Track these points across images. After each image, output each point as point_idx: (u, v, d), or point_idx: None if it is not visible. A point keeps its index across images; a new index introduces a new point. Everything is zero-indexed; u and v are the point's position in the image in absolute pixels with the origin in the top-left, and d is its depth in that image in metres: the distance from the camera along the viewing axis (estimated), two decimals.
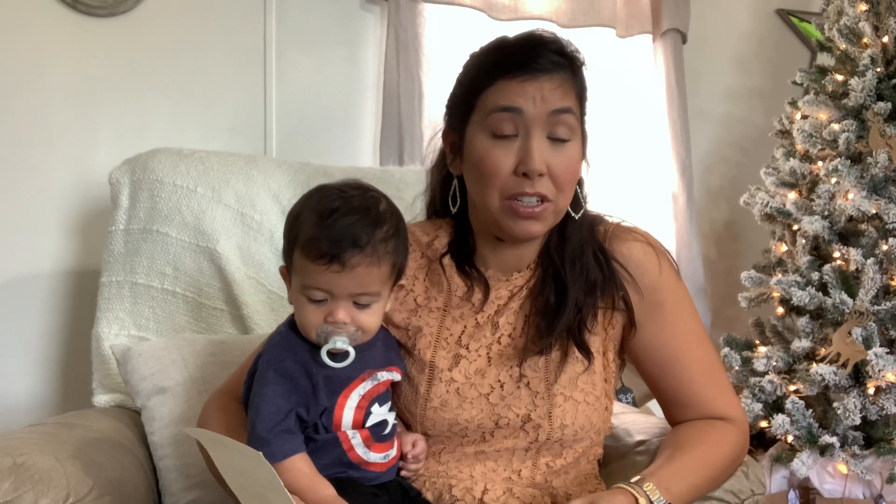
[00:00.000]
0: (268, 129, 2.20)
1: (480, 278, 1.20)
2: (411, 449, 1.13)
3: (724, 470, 1.13)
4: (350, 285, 1.02)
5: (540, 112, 1.08)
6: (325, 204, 1.03)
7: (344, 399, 1.06)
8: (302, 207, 1.05)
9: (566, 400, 1.13)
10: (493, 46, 1.14)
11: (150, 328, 1.62)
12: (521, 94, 1.08)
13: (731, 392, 1.21)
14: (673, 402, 1.21)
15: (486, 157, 1.10)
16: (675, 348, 1.18)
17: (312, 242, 1.00)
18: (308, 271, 1.02)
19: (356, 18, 2.29)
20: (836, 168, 2.11)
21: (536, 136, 1.08)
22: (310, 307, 1.03)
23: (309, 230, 1.01)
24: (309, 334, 1.04)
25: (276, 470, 0.94)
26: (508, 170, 1.09)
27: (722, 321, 2.61)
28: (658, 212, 2.52)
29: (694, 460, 1.10)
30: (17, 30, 1.97)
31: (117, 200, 1.66)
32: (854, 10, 2.21)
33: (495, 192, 1.10)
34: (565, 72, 1.11)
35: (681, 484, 1.05)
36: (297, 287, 1.04)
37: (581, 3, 2.43)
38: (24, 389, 2.00)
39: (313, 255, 1.00)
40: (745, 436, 1.18)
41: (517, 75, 1.09)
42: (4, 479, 1.08)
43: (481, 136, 1.11)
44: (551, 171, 1.09)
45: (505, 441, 1.13)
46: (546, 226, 1.13)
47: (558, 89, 1.09)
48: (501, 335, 1.17)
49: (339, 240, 1.00)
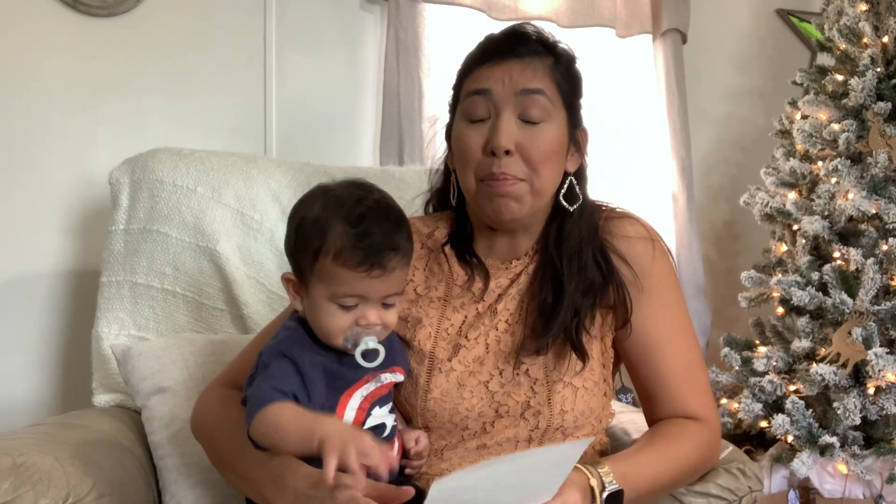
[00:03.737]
0: (268, 129, 2.20)
1: (481, 266, 1.21)
2: (414, 446, 1.12)
3: (689, 469, 1.14)
4: (385, 288, 1.03)
5: (508, 92, 1.11)
6: (348, 210, 1.01)
7: (346, 398, 1.06)
8: (320, 214, 1.02)
9: (565, 386, 1.13)
10: (480, 41, 1.19)
11: (150, 328, 1.62)
12: (491, 76, 1.13)
13: (707, 392, 1.21)
14: (648, 395, 1.21)
15: (459, 139, 1.15)
16: (658, 337, 1.18)
17: (352, 250, 0.99)
18: (343, 279, 1.00)
19: (356, 18, 2.29)
20: (836, 168, 2.11)
21: (505, 116, 1.11)
22: (339, 313, 1.02)
23: (341, 239, 1.00)
24: (334, 340, 1.03)
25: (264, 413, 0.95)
26: (479, 149, 1.12)
27: (722, 321, 2.61)
28: (658, 212, 2.52)
29: (657, 454, 1.11)
30: (17, 30, 1.97)
31: (117, 200, 1.66)
32: (854, 10, 2.21)
33: (470, 174, 1.13)
34: (542, 58, 1.14)
35: (637, 474, 1.06)
36: (325, 295, 1.02)
37: (581, 3, 2.43)
38: (24, 389, 2.00)
39: (352, 262, 0.99)
40: (716, 438, 1.18)
41: (489, 60, 1.13)
42: (4, 479, 1.08)
43: (459, 121, 1.16)
44: (522, 150, 1.11)
45: (506, 431, 1.13)
46: (526, 206, 1.13)
47: (528, 70, 1.12)
48: (499, 321, 1.17)
49: (380, 246, 1.00)
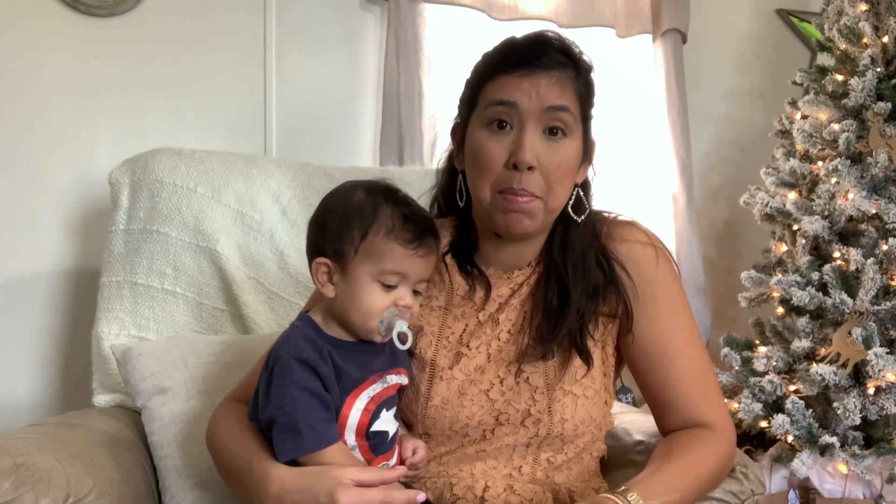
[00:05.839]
0: (268, 129, 2.20)
1: (482, 277, 1.20)
2: (411, 456, 1.13)
3: (709, 479, 1.13)
4: (424, 270, 1.09)
5: (535, 107, 1.09)
6: (390, 195, 1.09)
7: (353, 399, 1.06)
8: (366, 198, 1.07)
9: (566, 394, 1.13)
10: (501, 45, 1.16)
11: (150, 328, 1.62)
12: (518, 88, 1.10)
13: (718, 397, 1.20)
14: (659, 403, 1.20)
15: (480, 148, 1.12)
16: (665, 344, 1.18)
17: (403, 228, 1.05)
18: (393, 255, 1.05)
19: (356, 18, 2.29)
20: (836, 168, 2.11)
21: (530, 130, 1.10)
22: (381, 293, 1.06)
23: (391, 218, 1.06)
24: (371, 321, 1.06)
25: (320, 456, 1.00)
26: (501, 162, 1.10)
27: (722, 321, 2.61)
28: (658, 212, 2.52)
29: (678, 470, 1.09)
30: (17, 30, 1.97)
31: (117, 200, 1.66)
32: (854, 10, 2.21)
33: (487, 185, 1.12)
34: (567, 71, 1.12)
35: (664, 494, 1.05)
36: (370, 273, 1.05)
37: (581, 3, 2.42)
38: (24, 389, 2.00)
39: (404, 239, 1.05)
40: (730, 444, 1.17)
41: (516, 70, 1.10)
42: (4, 479, 1.08)
43: (479, 128, 1.13)
44: (542, 167, 1.10)
45: (506, 438, 1.13)
46: (537, 223, 1.13)
47: (555, 86, 1.10)
48: (501, 331, 1.17)
49: (424, 228, 1.08)
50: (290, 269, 1.69)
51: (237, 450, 1.10)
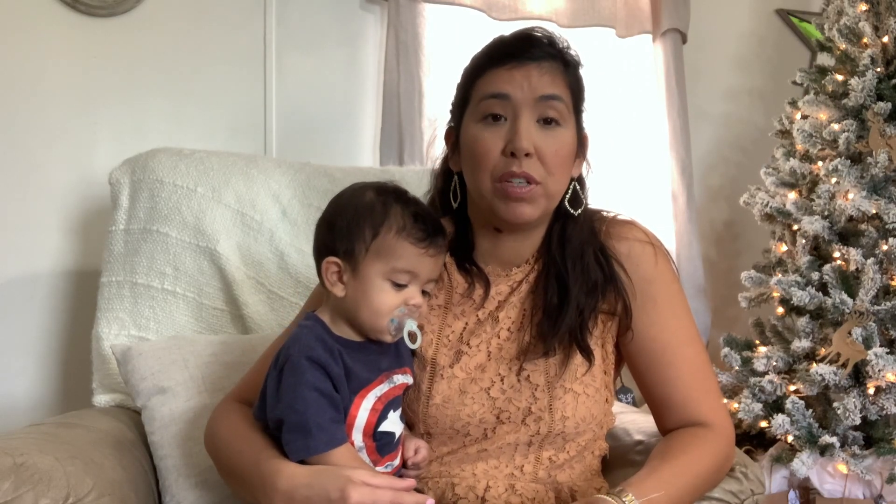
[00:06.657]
0: (268, 129, 2.20)
1: (481, 275, 1.21)
2: (413, 456, 1.13)
3: (707, 478, 1.13)
4: (433, 270, 1.09)
5: (527, 97, 1.11)
6: (400, 195, 1.09)
7: (360, 399, 1.06)
8: (376, 198, 1.08)
9: (566, 392, 1.13)
10: (489, 43, 1.18)
11: (150, 328, 1.62)
12: (509, 80, 1.11)
13: (717, 397, 1.20)
14: (658, 402, 1.20)
15: (476, 141, 1.13)
16: (665, 343, 1.18)
17: (413, 227, 1.06)
18: (404, 253, 1.06)
19: (356, 18, 2.29)
20: (836, 168, 2.11)
21: (524, 119, 1.11)
22: (391, 292, 1.06)
23: (402, 217, 1.07)
24: (381, 320, 1.06)
25: (328, 456, 1.00)
26: (497, 151, 1.11)
27: (722, 321, 2.61)
28: (658, 212, 2.52)
29: (674, 470, 1.09)
30: (17, 30, 1.97)
31: (117, 200, 1.67)
32: (854, 10, 2.21)
33: (486, 175, 1.12)
34: (556, 62, 1.14)
35: (660, 494, 1.05)
36: (381, 272, 1.06)
37: (581, 3, 2.43)
38: (24, 389, 2.00)
39: (415, 237, 1.06)
40: (728, 443, 1.17)
41: (506, 63, 1.12)
42: (4, 479, 1.08)
43: (473, 124, 1.14)
44: (540, 153, 1.11)
45: (507, 436, 1.13)
46: (538, 209, 1.13)
47: (546, 76, 1.12)
48: (501, 329, 1.17)
49: (434, 228, 1.09)
50: (290, 269, 1.69)
51: (242, 448, 1.10)
